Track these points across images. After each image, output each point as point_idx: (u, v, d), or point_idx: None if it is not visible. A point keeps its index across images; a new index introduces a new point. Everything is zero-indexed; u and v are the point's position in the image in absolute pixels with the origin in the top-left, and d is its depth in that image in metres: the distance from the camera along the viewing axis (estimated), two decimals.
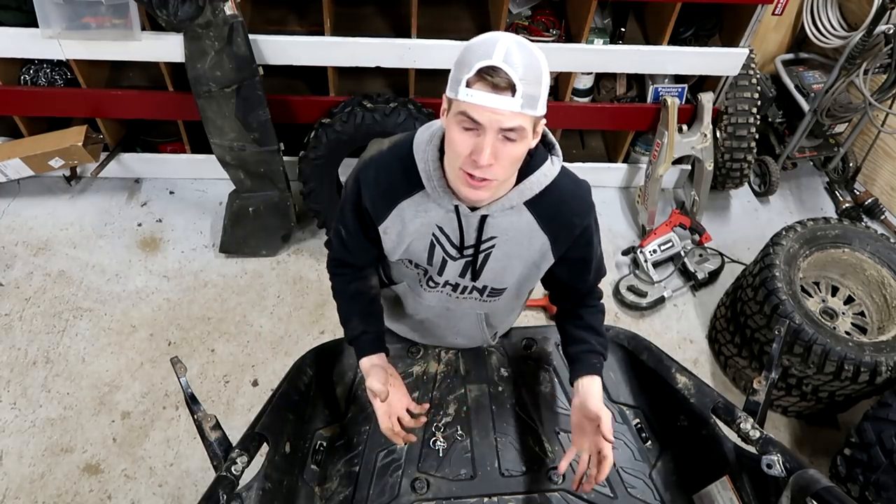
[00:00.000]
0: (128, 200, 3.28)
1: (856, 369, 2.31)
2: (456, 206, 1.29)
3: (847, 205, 3.47)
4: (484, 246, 1.36)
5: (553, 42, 2.89)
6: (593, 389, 1.43)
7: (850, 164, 3.53)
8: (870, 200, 3.48)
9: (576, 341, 1.50)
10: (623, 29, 2.94)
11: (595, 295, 1.54)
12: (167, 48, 2.65)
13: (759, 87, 3.08)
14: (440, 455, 1.62)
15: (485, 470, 1.60)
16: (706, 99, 3.01)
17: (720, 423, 1.54)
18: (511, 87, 1.08)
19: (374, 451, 1.61)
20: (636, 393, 1.72)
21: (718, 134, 3.15)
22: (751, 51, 2.99)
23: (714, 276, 3.14)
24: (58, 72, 2.95)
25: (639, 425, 1.69)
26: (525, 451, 1.64)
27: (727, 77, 2.98)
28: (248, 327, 2.86)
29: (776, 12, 3.21)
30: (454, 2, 3.03)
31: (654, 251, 3.10)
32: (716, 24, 3.00)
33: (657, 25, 2.89)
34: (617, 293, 3.05)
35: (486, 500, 1.57)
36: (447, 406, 1.69)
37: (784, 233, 2.61)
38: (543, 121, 1.19)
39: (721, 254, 3.16)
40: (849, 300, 2.74)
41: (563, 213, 1.34)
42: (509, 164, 1.17)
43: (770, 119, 3.35)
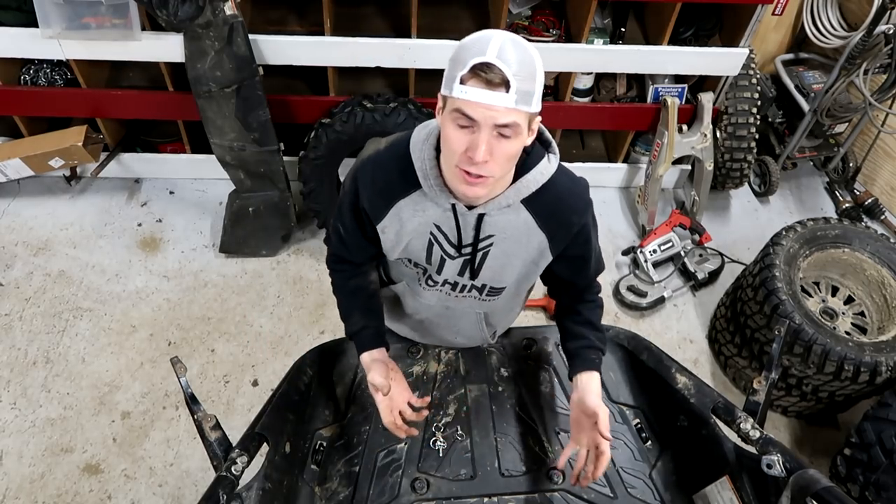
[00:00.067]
0: (128, 200, 3.28)
1: (856, 369, 2.31)
2: (453, 205, 1.30)
3: (847, 205, 3.47)
4: (482, 245, 1.36)
5: (553, 42, 2.89)
6: (591, 386, 1.44)
7: (850, 164, 3.53)
8: (870, 200, 3.48)
9: (574, 337, 1.51)
10: (623, 29, 2.94)
11: (593, 290, 1.54)
12: (167, 48, 2.65)
13: (759, 87, 3.08)
14: (440, 455, 1.62)
15: (485, 470, 1.60)
16: (706, 99, 3.01)
17: (720, 423, 1.54)
18: (505, 84, 1.08)
19: (374, 451, 1.61)
20: (636, 393, 1.72)
21: (718, 134, 3.15)
22: (751, 51, 2.99)
23: (714, 276, 3.14)
24: (58, 72, 2.95)
25: (639, 425, 1.69)
26: (525, 451, 1.64)
27: (727, 77, 2.98)
28: (248, 327, 2.86)
29: (776, 12, 3.21)
30: (454, 2, 3.03)
31: (654, 251, 3.10)
32: (716, 24, 3.00)
33: (657, 25, 2.89)
34: (617, 293, 3.05)
35: (486, 500, 1.57)
36: (447, 406, 1.69)
37: (784, 233, 2.61)
38: (538, 118, 1.20)
39: (721, 254, 3.16)
40: (849, 300, 2.74)
41: (561, 211, 1.34)
42: (505, 161, 1.17)
43: (770, 119, 3.35)
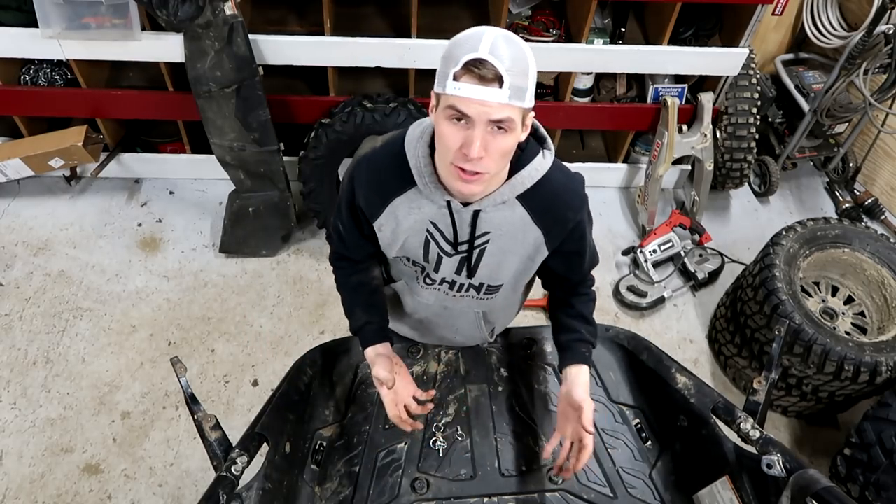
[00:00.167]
0: (128, 200, 3.28)
1: (856, 369, 2.31)
2: (448, 202, 1.30)
3: (847, 205, 3.47)
4: (478, 241, 1.37)
5: (553, 42, 2.89)
6: (580, 379, 1.45)
7: (850, 164, 3.52)
8: (870, 200, 3.48)
9: (566, 330, 1.52)
10: (623, 29, 2.94)
11: (587, 283, 1.55)
12: (167, 48, 2.65)
13: (759, 87, 3.07)
14: (440, 455, 1.62)
15: (485, 470, 1.60)
16: (706, 99, 3.01)
17: (720, 423, 1.54)
18: (498, 79, 1.09)
19: (374, 451, 1.61)
20: (636, 393, 1.72)
21: (718, 134, 3.15)
22: (751, 51, 2.99)
23: (714, 276, 3.14)
24: (58, 72, 2.95)
25: (639, 425, 1.69)
26: (525, 451, 1.64)
27: (727, 77, 2.98)
28: (248, 327, 2.86)
29: (776, 12, 3.20)
30: (454, 2, 3.03)
31: (654, 251, 3.09)
32: (716, 24, 3.00)
33: (657, 25, 2.89)
34: (617, 293, 3.05)
35: (486, 500, 1.57)
36: (447, 406, 1.69)
37: (784, 233, 2.61)
38: (532, 113, 1.20)
39: (721, 254, 3.16)
40: (849, 300, 2.74)
41: (557, 207, 1.34)
42: (499, 157, 1.17)
43: (770, 119, 3.35)
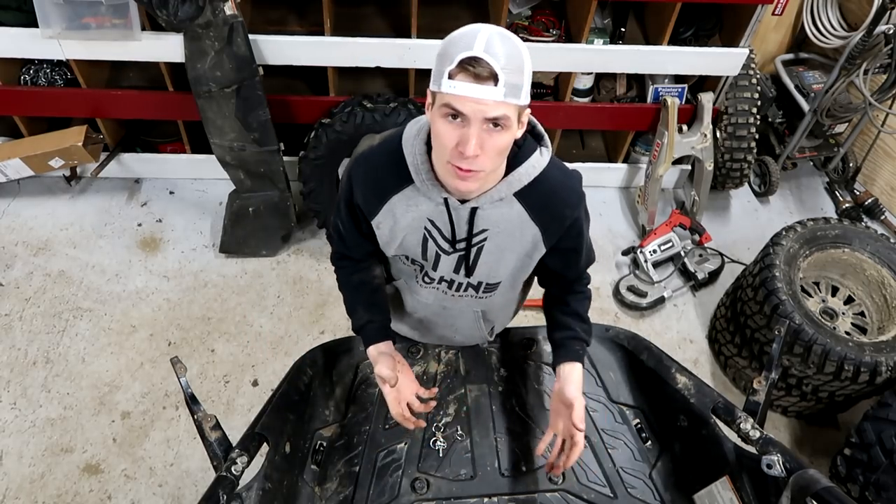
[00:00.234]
0: (128, 200, 3.28)
1: (856, 369, 2.31)
2: (445, 199, 1.30)
3: (847, 205, 3.47)
4: (476, 239, 1.37)
5: (553, 42, 2.89)
6: (572, 376, 1.45)
7: (850, 164, 3.52)
8: (870, 200, 3.48)
9: (560, 327, 1.53)
10: (623, 29, 2.94)
11: (583, 281, 1.55)
12: (167, 48, 2.65)
13: (759, 87, 3.07)
14: (440, 455, 1.62)
15: (485, 470, 1.60)
16: (706, 99, 3.01)
17: (720, 423, 1.54)
18: (493, 77, 1.09)
19: (374, 451, 1.61)
20: (636, 393, 1.72)
21: (718, 134, 3.15)
22: (751, 51, 2.99)
23: (714, 276, 3.14)
24: (58, 72, 2.95)
25: (639, 425, 1.69)
26: (525, 451, 1.64)
27: (727, 77, 2.98)
28: (248, 327, 2.86)
29: (776, 12, 3.20)
30: (454, 2, 3.03)
31: (654, 251, 3.09)
32: (716, 24, 3.00)
33: (657, 25, 2.89)
34: (617, 293, 3.05)
35: (486, 500, 1.57)
36: (447, 406, 1.69)
37: (784, 233, 2.61)
38: (528, 110, 1.20)
39: (721, 254, 3.16)
40: (849, 300, 2.74)
41: (554, 204, 1.34)
42: (496, 155, 1.17)
43: (770, 119, 3.35)
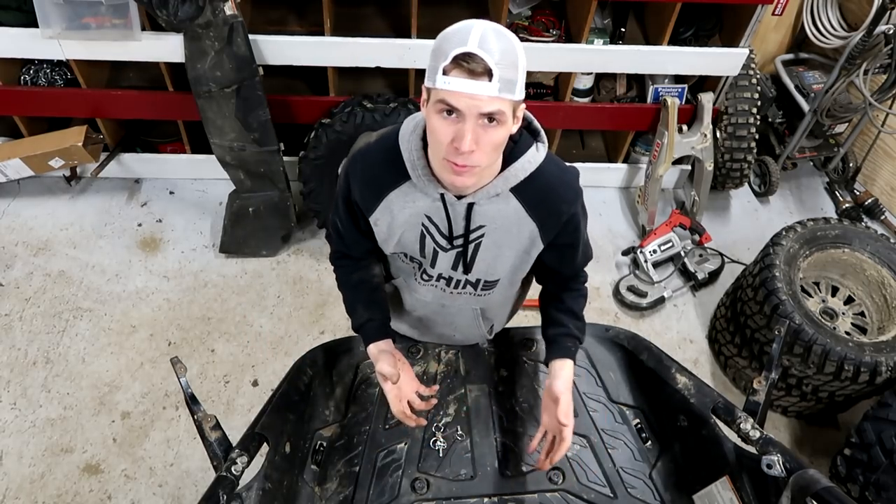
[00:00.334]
0: (128, 200, 3.28)
1: (856, 369, 2.31)
2: (442, 195, 1.30)
3: (847, 205, 3.47)
4: (473, 235, 1.37)
5: (553, 42, 2.89)
6: (562, 373, 1.46)
7: (850, 164, 3.52)
8: (870, 200, 3.48)
9: (554, 324, 1.53)
10: (623, 29, 2.94)
11: (580, 279, 1.55)
12: (167, 48, 2.65)
13: (759, 88, 3.07)
14: (440, 455, 1.62)
15: (485, 470, 1.60)
16: (706, 99, 3.01)
17: (720, 423, 1.54)
18: (488, 73, 1.09)
19: (374, 451, 1.61)
20: (636, 393, 1.72)
21: (718, 134, 3.15)
22: (751, 51, 2.99)
23: (714, 276, 3.14)
24: (58, 72, 2.95)
25: (639, 425, 1.69)
26: (525, 451, 1.63)
27: (727, 77, 2.98)
28: (248, 327, 2.86)
29: (776, 12, 3.20)
30: (454, 2, 3.02)
31: (654, 251, 3.09)
32: (716, 24, 3.00)
33: (657, 25, 2.89)
34: (617, 293, 3.05)
35: (486, 500, 1.57)
36: (447, 406, 1.69)
37: (784, 233, 2.61)
38: (523, 105, 1.20)
39: (721, 254, 3.16)
40: (849, 300, 2.74)
41: (551, 200, 1.34)
42: (491, 150, 1.17)
43: (770, 119, 3.35)
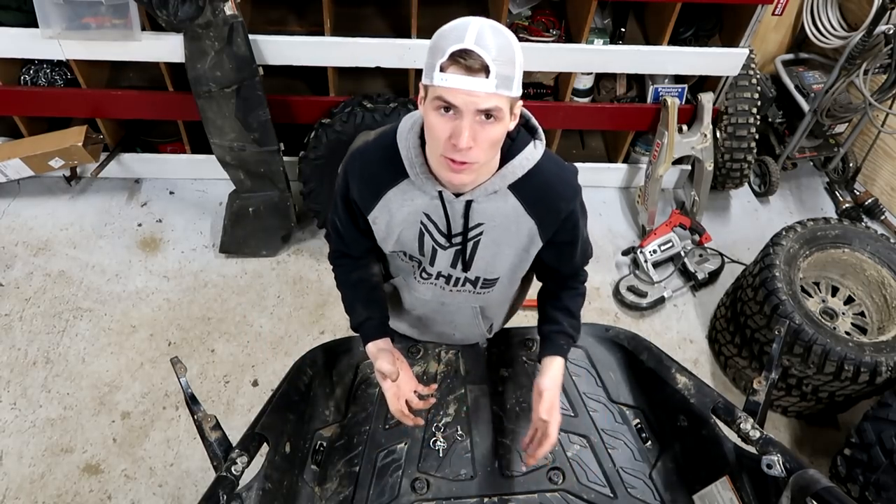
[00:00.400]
0: (128, 200, 3.28)
1: (856, 369, 2.31)
2: (440, 193, 1.30)
3: (847, 205, 3.47)
4: (472, 233, 1.37)
5: (553, 42, 2.89)
6: (550, 369, 1.46)
7: (850, 164, 3.52)
8: (870, 200, 3.48)
9: (549, 321, 1.53)
10: (623, 29, 2.94)
11: (579, 278, 1.55)
12: (167, 48, 2.65)
13: (759, 88, 3.07)
14: (440, 455, 1.62)
15: (485, 470, 1.60)
16: (706, 99, 3.01)
17: (720, 423, 1.54)
18: (485, 69, 1.09)
19: (374, 451, 1.61)
20: (636, 393, 1.72)
21: (718, 134, 3.15)
22: (751, 51, 2.99)
23: (714, 276, 3.14)
24: (58, 72, 2.95)
25: (639, 425, 1.69)
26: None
27: (727, 77, 2.98)
28: (248, 327, 2.86)
29: (776, 12, 3.20)
30: (454, 2, 3.02)
31: (654, 251, 3.09)
32: (716, 24, 3.00)
33: (657, 25, 2.89)
34: (617, 293, 3.05)
35: (486, 500, 1.57)
36: (447, 406, 1.69)
37: (784, 233, 2.61)
38: (520, 102, 1.20)
39: (721, 254, 3.16)
40: (849, 300, 2.74)
41: (549, 197, 1.34)
42: (489, 147, 1.17)
43: (770, 119, 3.35)
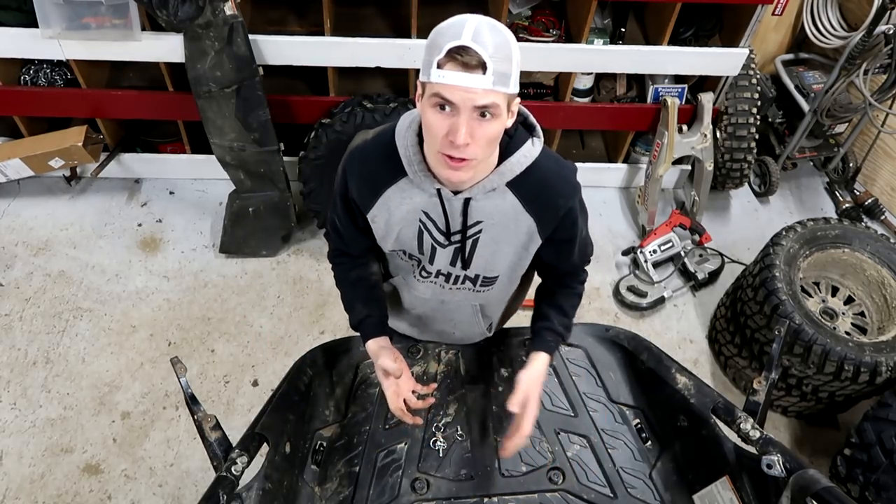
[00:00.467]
0: (128, 200, 3.28)
1: (856, 369, 2.31)
2: (438, 191, 1.30)
3: (847, 205, 3.47)
4: (471, 231, 1.37)
5: (553, 42, 2.89)
6: (532, 364, 1.46)
7: (850, 164, 3.52)
8: (870, 200, 3.48)
9: (540, 317, 1.54)
10: (623, 29, 2.94)
11: (578, 277, 1.55)
12: (167, 48, 2.65)
13: (759, 88, 3.07)
14: (440, 455, 1.61)
15: (485, 470, 1.60)
16: (706, 99, 3.01)
17: (720, 423, 1.54)
18: (482, 66, 1.09)
19: (374, 451, 1.61)
20: (636, 393, 1.72)
21: (718, 134, 3.15)
22: (751, 51, 2.99)
23: (714, 276, 3.14)
24: (58, 72, 2.95)
25: (639, 425, 1.69)
26: (525, 451, 1.63)
27: (727, 77, 2.98)
28: (248, 327, 2.86)
29: (776, 12, 3.21)
30: (454, 2, 3.02)
31: (655, 251, 3.09)
32: (716, 24, 3.00)
33: (657, 25, 2.89)
34: (617, 293, 3.05)
35: (485, 500, 1.56)
36: (447, 406, 1.69)
37: (784, 233, 2.61)
38: (517, 99, 1.20)
39: (721, 254, 3.16)
40: (849, 300, 2.74)
41: (547, 195, 1.34)
42: (486, 144, 1.17)
43: (770, 119, 3.35)
